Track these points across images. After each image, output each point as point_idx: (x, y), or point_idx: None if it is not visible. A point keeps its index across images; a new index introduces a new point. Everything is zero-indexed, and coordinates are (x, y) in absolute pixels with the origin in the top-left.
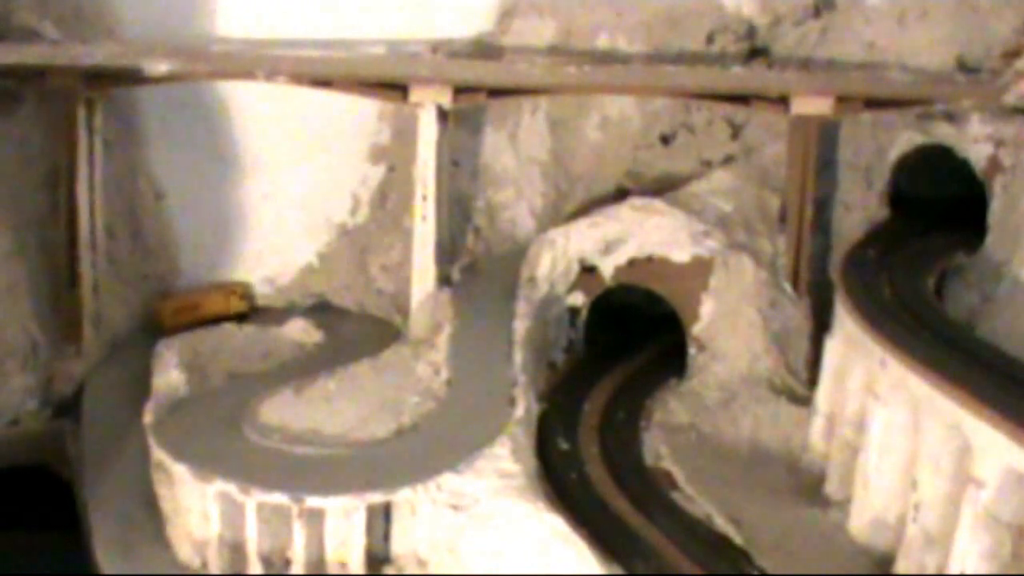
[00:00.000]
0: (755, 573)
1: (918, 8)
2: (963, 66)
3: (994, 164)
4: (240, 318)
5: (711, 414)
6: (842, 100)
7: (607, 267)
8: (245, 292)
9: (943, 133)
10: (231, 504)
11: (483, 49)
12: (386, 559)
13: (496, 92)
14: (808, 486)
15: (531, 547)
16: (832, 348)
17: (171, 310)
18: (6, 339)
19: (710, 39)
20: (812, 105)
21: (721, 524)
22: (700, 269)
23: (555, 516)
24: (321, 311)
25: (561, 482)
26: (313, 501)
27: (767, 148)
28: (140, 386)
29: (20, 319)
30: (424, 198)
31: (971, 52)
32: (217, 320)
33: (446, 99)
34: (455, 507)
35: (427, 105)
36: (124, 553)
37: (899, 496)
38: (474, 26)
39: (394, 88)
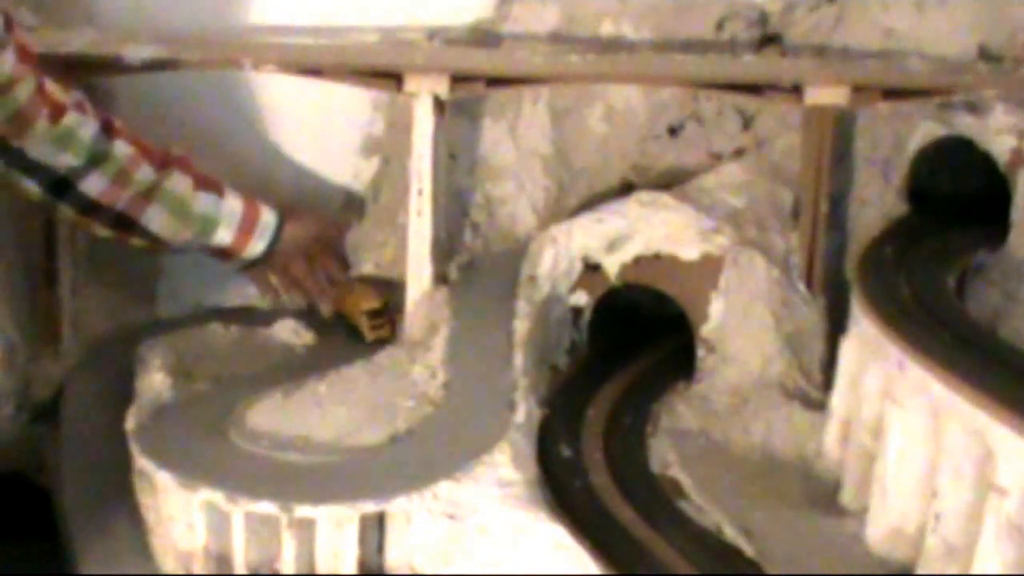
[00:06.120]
0: None
1: None
2: (985, 54)
3: (1018, 156)
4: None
5: (721, 419)
6: (858, 90)
7: (612, 265)
8: (382, 308)
9: (964, 124)
10: (217, 513)
11: (481, 36)
12: (380, 570)
13: (495, 81)
14: (823, 494)
15: (532, 558)
16: (848, 350)
17: None
18: None
19: (720, 26)
20: (827, 95)
21: (731, 535)
22: (709, 267)
23: (557, 526)
24: (312, 311)
25: (564, 491)
26: (303, 510)
27: (780, 140)
28: (122, 390)
29: None
30: (420, 193)
31: (994, 39)
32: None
33: (443, 88)
34: (452, 516)
35: (423, 95)
36: (105, 564)
37: (918, 505)
38: (472, 12)
39: (388, 77)
